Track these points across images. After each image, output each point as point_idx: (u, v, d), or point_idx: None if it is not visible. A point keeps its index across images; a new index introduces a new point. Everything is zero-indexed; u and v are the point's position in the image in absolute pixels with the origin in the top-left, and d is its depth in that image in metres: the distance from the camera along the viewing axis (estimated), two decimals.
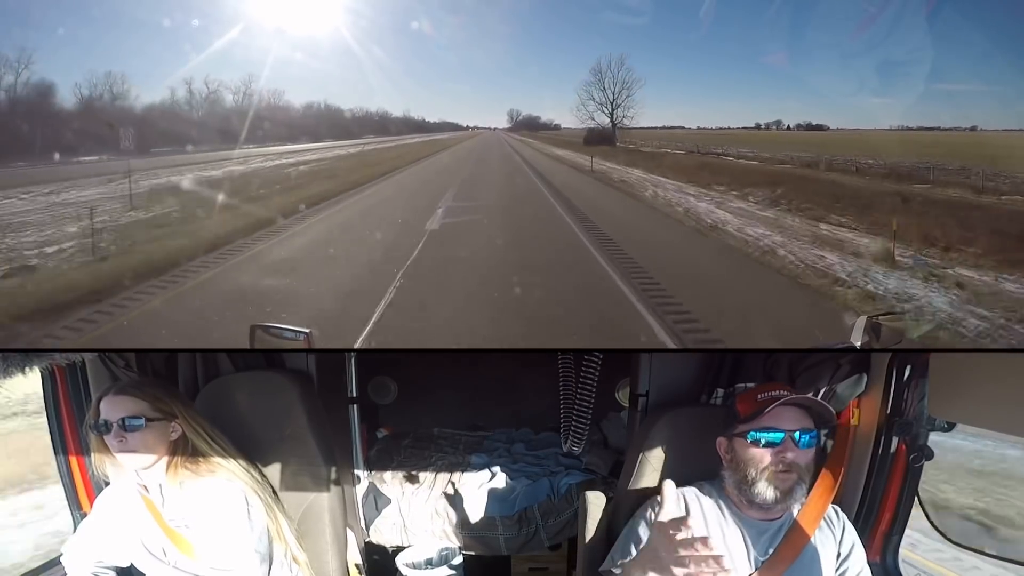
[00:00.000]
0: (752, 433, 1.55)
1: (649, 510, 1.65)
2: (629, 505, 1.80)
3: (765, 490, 1.54)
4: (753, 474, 1.55)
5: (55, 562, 1.88)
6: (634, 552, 1.59)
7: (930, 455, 1.81)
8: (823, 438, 1.83)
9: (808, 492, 1.63)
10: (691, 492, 1.66)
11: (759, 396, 1.59)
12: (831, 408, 1.58)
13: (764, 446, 1.54)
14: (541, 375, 3.39)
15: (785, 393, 1.57)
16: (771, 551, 1.60)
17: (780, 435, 1.54)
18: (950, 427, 1.81)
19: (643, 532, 1.61)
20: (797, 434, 1.54)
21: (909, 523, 1.91)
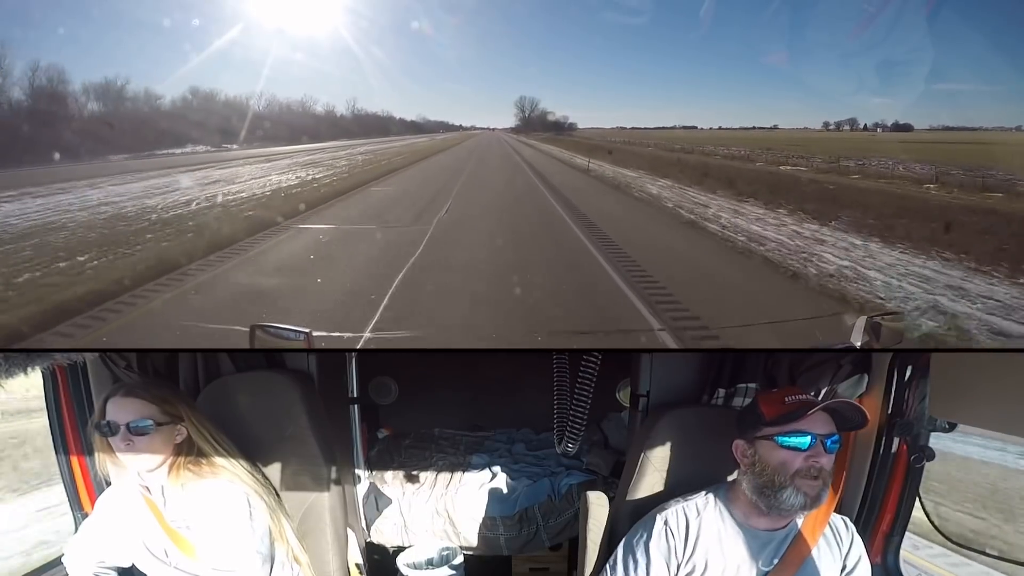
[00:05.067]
0: (781, 437, 1.52)
1: (648, 536, 1.62)
2: (630, 506, 1.80)
3: (792, 496, 1.50)
4: (781, 479, 1.51)
5: (56, 562, 1.89)
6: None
7: (931, 456, 1.81)
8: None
9: None
10: (692, 507, 1.63)
11: (787, 399, 1.55)
12: (864, 410, 1.55)
13: (794, 450, 1.51)
14: (542, 375, 3.38)
15: (816, 398, 1.55)
16: (776, 561, 1.58)
17: (811, 439, 1.51)
18: (951, 427, 1.81)
19: (640, 555, 1.60)
20: (825, 439, 1.52)
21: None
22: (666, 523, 1.61)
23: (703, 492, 1.66)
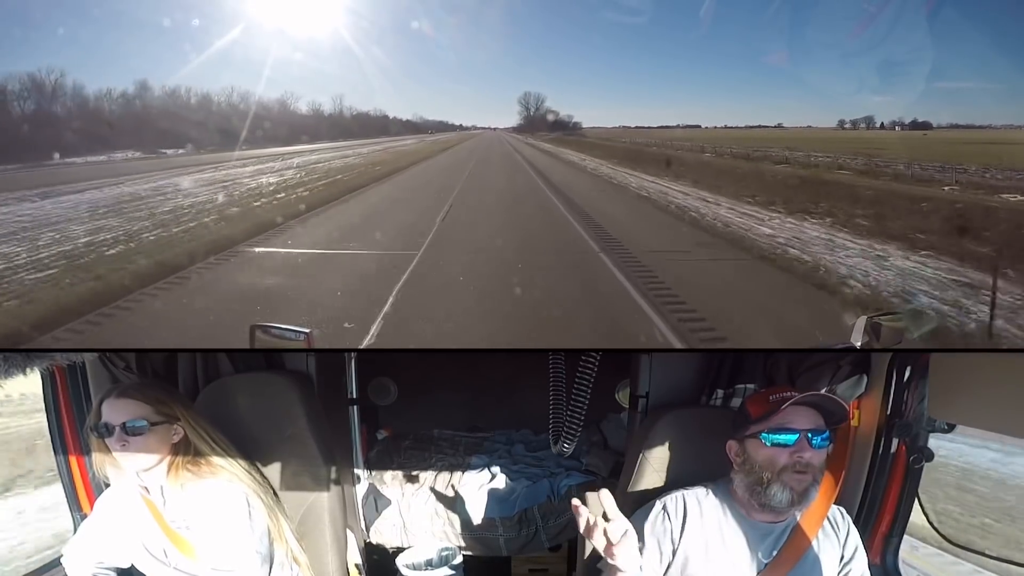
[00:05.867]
0: (766, 434, 1.54)
1: (644, 519, 1.63)
2: (629, 506, 1.79)
3: (780, 492, 1.52)
4: (768, 476, 1.53)
5: (55, 563, 1.88)
6: None
7: (930, 456, 1.81)
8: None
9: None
10: (692, 496, 1.65)
11: (771, 397, 1.57)
12: (843, 403, 1.56)
13: (779, 446, 1.53)
14: (541, 376, 3.38)
15: (797, 393, 1.56)
16: (775, 553, 1.60)
17: (795, 435, 1.52)
18: (950, 428, 1.80)
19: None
20: (811, 434, 1.53)
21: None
22: (664, 507, 1.63)
23: (704, 487, 1.67)
